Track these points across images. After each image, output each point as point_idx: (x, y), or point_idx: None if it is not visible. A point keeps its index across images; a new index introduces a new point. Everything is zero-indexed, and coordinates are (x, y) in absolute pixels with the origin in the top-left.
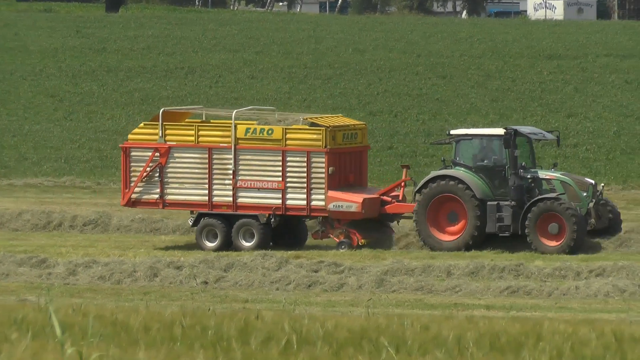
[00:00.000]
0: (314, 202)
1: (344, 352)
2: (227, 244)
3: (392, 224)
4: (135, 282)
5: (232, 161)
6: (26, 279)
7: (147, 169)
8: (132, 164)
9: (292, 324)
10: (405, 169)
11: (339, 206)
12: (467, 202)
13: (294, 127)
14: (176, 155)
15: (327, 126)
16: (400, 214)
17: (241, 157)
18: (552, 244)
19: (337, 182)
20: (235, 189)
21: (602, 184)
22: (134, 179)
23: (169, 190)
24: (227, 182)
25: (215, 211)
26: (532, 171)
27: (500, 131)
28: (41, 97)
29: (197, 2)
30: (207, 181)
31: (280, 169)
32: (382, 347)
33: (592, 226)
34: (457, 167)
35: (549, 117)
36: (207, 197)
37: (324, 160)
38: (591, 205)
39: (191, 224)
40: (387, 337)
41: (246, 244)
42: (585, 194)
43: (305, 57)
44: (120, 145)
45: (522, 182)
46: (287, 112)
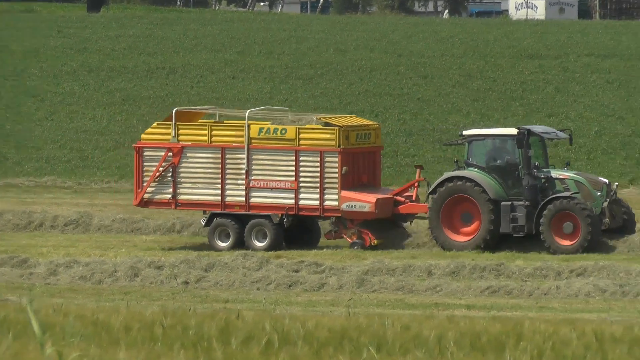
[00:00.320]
0: (327, 202)
1: (324, 352)
2: (240, 244)
3: (405, 225)
4: (116, 282)
5: (245, 161)
6: (7, 279)
7: (160, 168)
8: (145, 164)
9: (273, 323)
10: (418, 170)
11: (352, 206)
12: (481, 202)
13: (307, 127)
14: (189, 155)
15: (341, 126)
16: (413, 214)
17: (254, 157)
18: (567, 243)
19: (350, 182)
20: (248, 189)
21: (616, 183)
22: (146, 178)
23: (182, 190)
24: (240, 182)
25: (227, 211)
26: (546, 171)
27: (513, 131)
28: (22, 97)
29: (178, 2)
30: (219, 181)
31: (293, 168)
32: (362, 347)
33: (607, 225)
34: (470, 168)
35: (530, 116)
36: (219, 197)
37: (337, 160)
38: (605, 204)
39: (204, 224)
40: (368, 336)
41: (259, 244)
42: (599, 194)
43: (286, 57)
44: (133, 145)
45: (535, 182)
46: (301, 112)
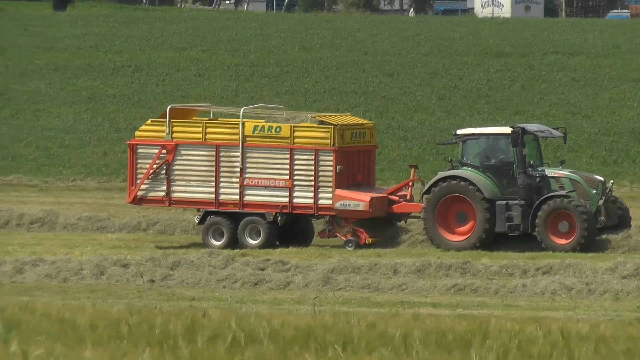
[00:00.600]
0: (322, 201)
1: (290, 350)
2: (234, 243)
3: (399, 224)
4: (82, 280)
5: (239, 159)
6: None
7: (154, 166)
8: (139, 161)
9: (239, 322)
10: (413, 169)
11: (347, 205)
12: (476, 202)
13: (302, 125)
14: (183, 152)
15: (336, 124)
16: (408, 214)
17: (249, 154)
18: (563, 242)
19: (345, 180)
20: (242, 187)
21: (612, 181)
22: (140, 176)
23: (176, 187)
24: (234, 180)
25: (222, 209)
26: (540, 169)
27: (507, 130)
28: None
29: (144, 1)
30: (214, 179)
31: (287, 167)
32: (328, 345)
33: (602, 224)
34: (464, 167)
35: (496, 114)
36: (213, 195)
37: (332, 158)
38: (601, 202)
39: (197, 222)
40: (334, 335)
41: (252, 242)
42: (594, 192)
43: (252, 55)
44: (127, 142)
45: (531, 181)
46: (296, 111)
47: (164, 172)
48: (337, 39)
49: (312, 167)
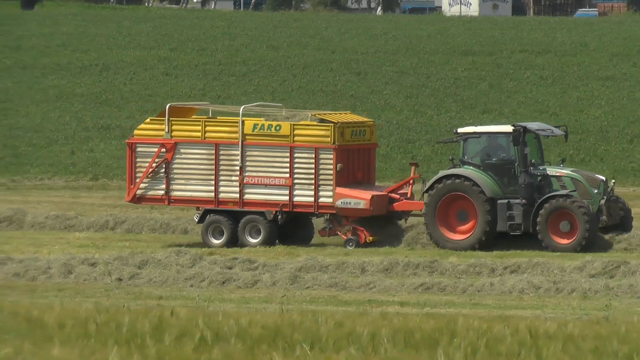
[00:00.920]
0: (322, 199)
1: (258, 349)
2: (233, 241)
3: (399, 222)
4: (49, 278)
5: (239, 157)
6: None
7: (153, 164)
8: (138, 160)
9: (206, 320)
10: (414, 167)
11: (347, 203)
12: (477, 200)
13: (302, 123)
14: (182, 151)
15: (336, 122)
16: (408, 212)
17: (248, 153)
18: (564, 242)
19: (345, 179)
20: (242, 186)
21: (613, 181)
22: (139, 174)
23: (175, 186)
24: (233, 178)
25: (221, 207)
26: (542, 168)
27: (509, 128)
28: None
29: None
30: (213, 177)
31: (287, 165)
32: (296, 344)
33: (604, 223)
34: (465, 166)
35: (464, 113)
36: (213, 194)
37: (332, 156)
38: (602, 202)
39: (197, 220)
40: (301, 333)
41: (252, 241)
42: (596, 191)
43: (219, 53)
44: (126, 140)
45: (532, 180)
46: (295, 109)
47: (163, 170)
48: (305, 38)
49: (313, 165)
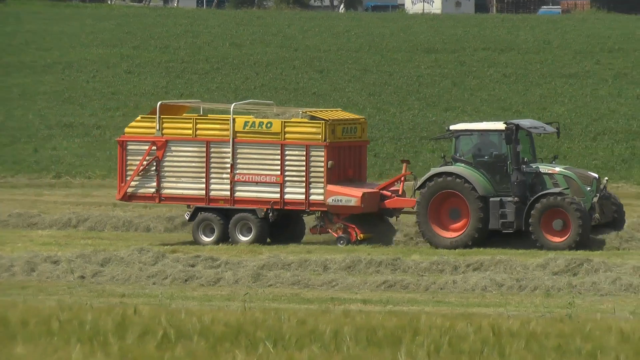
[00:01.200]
0: (313, 197)
1: (220, 346)
2: (224, 239)
3: (391, 219)
4: (12, 276)
5: (230, 155)
6: None
7: (144, 162)
8: (129, 158)
9: (169, 318)
10: (405, 164)
11: (338, 200)
12: (469, 198)
13: (293, 120)
14: (173, 148)
15: (327, 120)
16: (400, 209)
17: (239, 150)
18: (557, 240)
19: (336, 176)
20: (233, 183)
21: (606, 178)
22: (130, 172)
23: (166, 184)
24: (224, 176)
25: (212, 205)
26: (534, 166)
27: (501, 126)
28: None
29: None
30: (204, 175)
31: (278, 162)
32: (259, 342)
33: (597, 221)
34: (457, 163)
35: (427, 110)
36: (204, 192)
37: (323, 154)
38: (595, 199)
39: (188, 218)
40: (264, 331)
41: (243, 239)
42: (589, 189)
43: (182, 51)
44: (116, 138)
45: (524, 178)
46: (286, 106)
47: (154, 168)
48: (268, 36)
49: (304, 163)
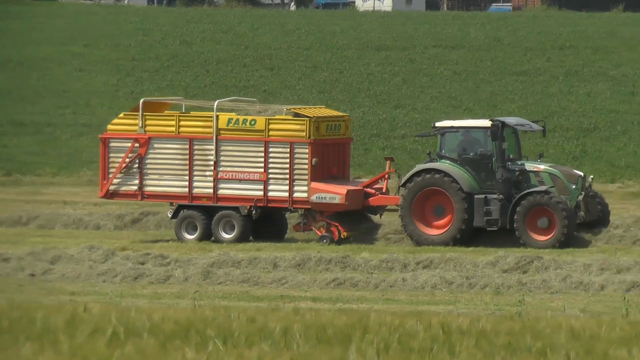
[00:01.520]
0: (297, 194)
1: (170, 344)
2: (207, 236)
3: (375, 217)
4: None
5: (213, 152)
6: None
7: (127, 159)
8: (111, 155)
9: (119, 316)
10: (389, 161)
11: (322, 198)
12: (454, 195)
13: (277, 117)
14: (156, 146)
15: (311, 117)
16: (384, 207)
17: (223, 148)
18: (542, 238)
19: (320, 173)
20: (216, 181)
21: (591, 176)
22: (112, 170)
23: (149, 181)
24: (207, 173)
25: (195, 203)
26: (520, 164)
27: (487, 123)
28: None
29: None
30: (187, 172)
31: (262, 160)
32: (208, 339)
33: (582, 219)
34: (442, 160)
35: (377, 108)
36: (187, 189)
37: (307, 151)
38: (580, 198)
39: (170, 216)
40: (214, 329)
41: (226, 236)
42: (574, 187)
43: (133, 49)
44: (99, 135)
45: (509, 175)
46: (268, 104)
47: (137, 165)
48: (218, 33)
49: (288, 160)
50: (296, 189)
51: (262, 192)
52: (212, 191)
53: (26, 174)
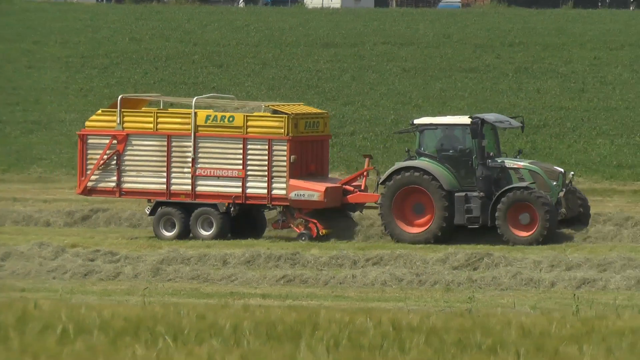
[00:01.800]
0: (275, 191)
1: (120, 341)
2: (185, 234)
3: (354, 214)
4: None
5: (191, 149)
6: None
7: (104, 156)
8: (89, 152)
9: (69, 312)
10: (367, 159)
11: (301, 195)
12: (434, 193)
13: (255, 114)
14: (134, 142)
15: (290, 114)
16: (362, 204)
17: (201, 144)
18: (523, 234)
19: (298, 170)
20: (194, 177)
21: (572, 173)
22: (90, 166)
23: (126, 178)
24: (186, 170)
25: (173, 200)
26: (500, 161)
27: (466, 120)
28: None
29: None
30: (165, 169)
31: (241, 157)
32: (158, 336)
33: (563, 216)
34: (421, 158)
35: (326, 105)
36: (165, 186)
37: (285, 148)
38: (561, 194)
39: (148, 212)
40: (164, 325)
41: (205, 233)
42: (555, 183)
43: (82, 46)
44: (77, 132)
45: (489, 173)
46: (245, 100)
47: (115, 162)
48: (167, 30)
49: (266, 157)
50: (274, 186)
51: (240, 189)
52: (190, 188)
53: None
